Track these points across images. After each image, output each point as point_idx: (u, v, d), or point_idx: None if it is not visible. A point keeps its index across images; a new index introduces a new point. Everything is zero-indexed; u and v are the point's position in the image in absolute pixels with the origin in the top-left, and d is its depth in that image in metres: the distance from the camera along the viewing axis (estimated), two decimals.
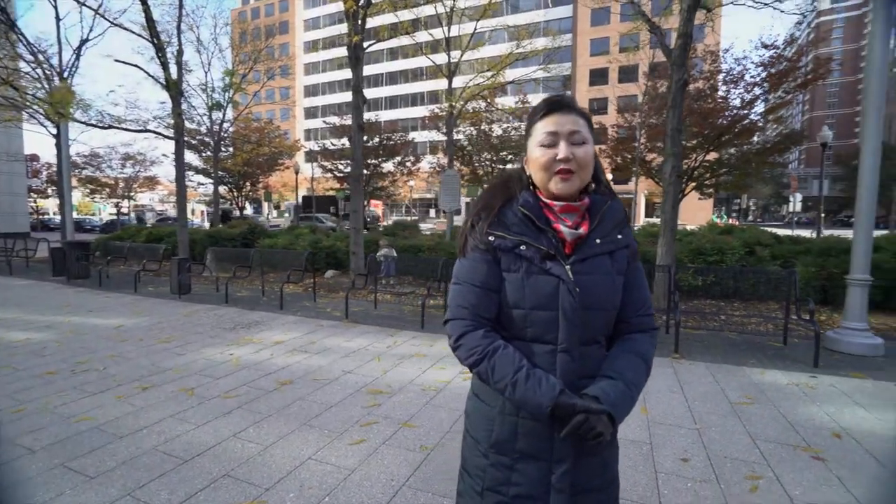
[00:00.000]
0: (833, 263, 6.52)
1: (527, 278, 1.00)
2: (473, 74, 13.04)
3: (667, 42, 6.86)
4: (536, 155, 1.03)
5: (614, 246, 1.05)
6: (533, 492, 1.01)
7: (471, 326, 1.04)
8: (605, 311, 1.03)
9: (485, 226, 1.05)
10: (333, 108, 50.34)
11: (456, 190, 10.77)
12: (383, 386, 3.67)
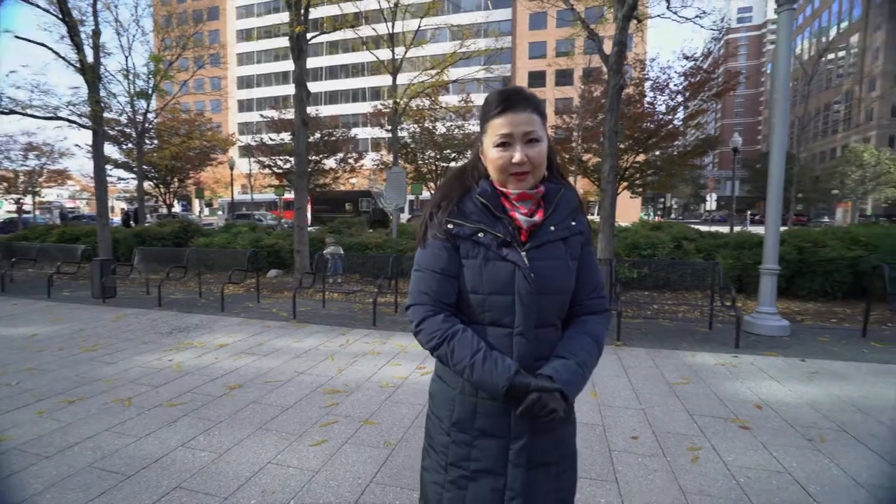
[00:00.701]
0: (747, 256, 7.26)
1: (484, 264, 1.04)
2: (418, 72, 13.02)
3: (603, 49, 7.28)
4: (493, 156, 1.04)
5: (568, 232, 1.09)
6: (492, 466, 1.06)
7: (431, 311, 1.07)
8: (559, 294, 1.07)
9: (444, 215, 1.09)
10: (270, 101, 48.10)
11: (402, 187, 10.71)
12: (340, 385, 3.60)
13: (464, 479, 1.08)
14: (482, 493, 1.06)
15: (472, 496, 1.07)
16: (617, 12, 6.64)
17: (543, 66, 41.78)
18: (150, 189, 21.32)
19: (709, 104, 17.66)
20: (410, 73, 13.88)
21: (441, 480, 1.11)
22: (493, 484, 1.05)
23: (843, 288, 6.85)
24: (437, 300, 1.07)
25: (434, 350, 1.06)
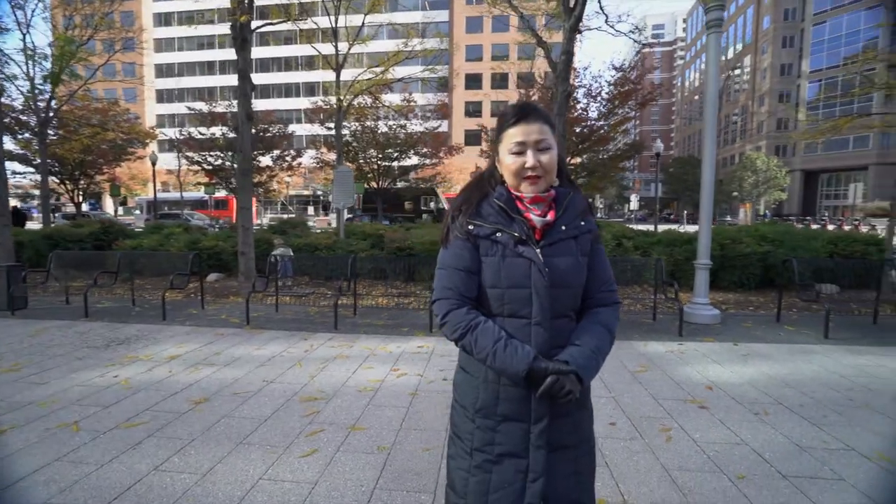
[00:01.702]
0: (678, 252, 7.96)
1: (503, 261, 1.13)
2: (362, 69, 12.78)
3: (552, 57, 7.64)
4: (508, 162, 1.15)
5: (578, 231, 1.18)
6: (515, 449, 1.13)
7: (455, 305, 1.16)
8: (572, 288, 1.16)
9: (465, 217, 1.19)
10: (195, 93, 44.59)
11: (350, 186, 10.46)
12: (315, 392, 3.47)
13: (488, 462, 1.15)
14: (506, 474, 1.13)
15: (497, 478, 1.13)
16: (564, 23, 6.99)
17: (480, 70, 42.78)
18: (55, 185, 18.90)
19: (634, 112, 19.13)
20: (353, 70, 13.60)
21: (467, 466, 1.18)
22: (517, 466, 1.13)
23: (756, 279, 7.76)
24: (460, 295, 1.16)
25: (459, 340, 1.15)
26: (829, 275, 6.67)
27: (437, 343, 4.80)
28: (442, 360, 4.25)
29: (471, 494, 1.17)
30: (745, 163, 42.90)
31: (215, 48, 51.81)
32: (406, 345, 4.75)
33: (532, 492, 1.11)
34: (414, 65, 16.74)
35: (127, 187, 28.33)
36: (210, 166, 17.91)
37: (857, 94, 28.02)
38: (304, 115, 40.75)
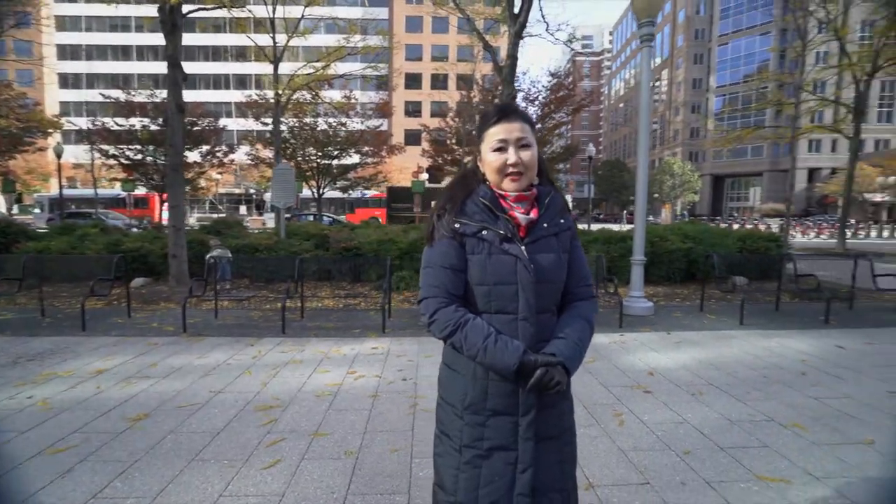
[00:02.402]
0: (613, 249, 8.50)
1: (489, 258, 1.15)
2: (302, 64, 12.30)
3: (498, 61, 7.84)
4: (490, 159, 1.19)
5: (558, 229, 1.23)
6: (504, 442, 1.16)
7: (443, 303, 1.17)
8: (555, 283, 1.20)
9: (451, 216, 1.20)
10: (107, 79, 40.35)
11: (290, 184, 10.02)
12: (270, 400, 3.30)
13: (478, 458, 1.16)
14: (496, 467, 1.15)
15: (487, 472, 1.15)
16: (510, 28, 7.21)
17: (420, 69, 42.81)
18: None
19: (569, 117, 20.12)
20: (292, 64, 13.04)
21: (456, 463, 1.19)
22: (506, 458, 1.15)
23: (681, 273, 8.49)
24: (447, 292, 1.17)
25: (448, 337, 1.15)
26: (738, 268, 7.47)
27: (392, 343, 4.76)
28: (399, 361, 4.22)
29: (461, 490, 1.17)
30: (664, 167, 46.74)
31: (131, 31, 47.23)
32: (360, 346, 4.65)
33: (522, 482, 1.13)
34: (354, 62, 16.44)
35: (24, 183, 25.01)
36: (128, 161, 16.23)
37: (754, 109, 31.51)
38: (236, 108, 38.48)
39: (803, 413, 3.12)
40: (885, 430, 2.87)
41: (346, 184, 18.88)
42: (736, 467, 2.45)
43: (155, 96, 16.38)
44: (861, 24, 19.04)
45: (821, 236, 23.64)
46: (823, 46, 17.16)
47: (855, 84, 14.67)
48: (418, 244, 8.13)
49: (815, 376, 3.84)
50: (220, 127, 17.77)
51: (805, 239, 22.30)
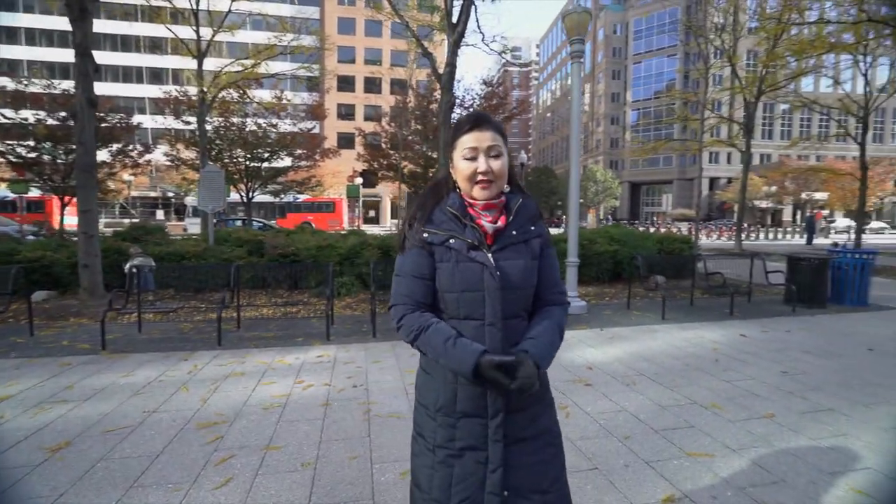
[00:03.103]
0: None
1: (456, 266, 1.18)
2: (230, 60, 11.63)
3: (437, 68, 7.98)
4: (461, 167, 1.21)
5: (528, 236, 1.24)
6: (474, 443, 1.19)
7: (409, 309, 1.22)
8: (523, 289, 1.22)
9: (420, 225, 1.24)
10: None
11: (219, 188, 9.43)
12: (213, 416, 3.11)
13: (450, 457, 1.20)
14: (468, 466, 1.18)
15: (460, 471, 1.19)
16: (449, 37, 7.39)
17: (353, 72, 42.09)
18: None
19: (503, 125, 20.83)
20: (217, 60, 12.28)
21: (430, 462, 1.23)
22: (477, 458, 1.18)
23: (608, 274, 9.14)
24: (414, 300, 1.23)
25: (413, 341, 1.20)
26: (658, 268, 8.22)
27: (338, 351, 4.67)
28: (347, 368, 4.15)
29: (435, 489, 1.21)
30: (588, 174, 49.94)
31: (19, 10, 41.61)
32: (305, 355, 4.51)
33: (492, 481, 1.16)
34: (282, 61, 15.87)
35: None
36: (20, 159, 14.15)
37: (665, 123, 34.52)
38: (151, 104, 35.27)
39: (719, 395, 3.53)
40: (782, 405, 3.33)
41: (277, 188, 18.05)
42: (669, 447, 2.72)
43: (53, 87, 14.59)
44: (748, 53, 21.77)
45: (721, 238, 26.53)
46: (720, 70, 19.39)
47: (745, 105, 16.74)
48: (358, 249, 8.03)
49: (726, 362, 4.35)
50: (133, 124, 16.20)
51: (709, 241, 24.90)
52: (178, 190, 31.55)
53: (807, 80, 18.03)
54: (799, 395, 3.53)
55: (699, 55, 17.22)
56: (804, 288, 6.86)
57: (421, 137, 18.98)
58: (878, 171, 31.41)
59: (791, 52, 13.99)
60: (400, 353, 4.62)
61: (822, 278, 6.95)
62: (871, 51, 14.12)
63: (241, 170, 16.58)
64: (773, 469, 2.47)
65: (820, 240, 23.80)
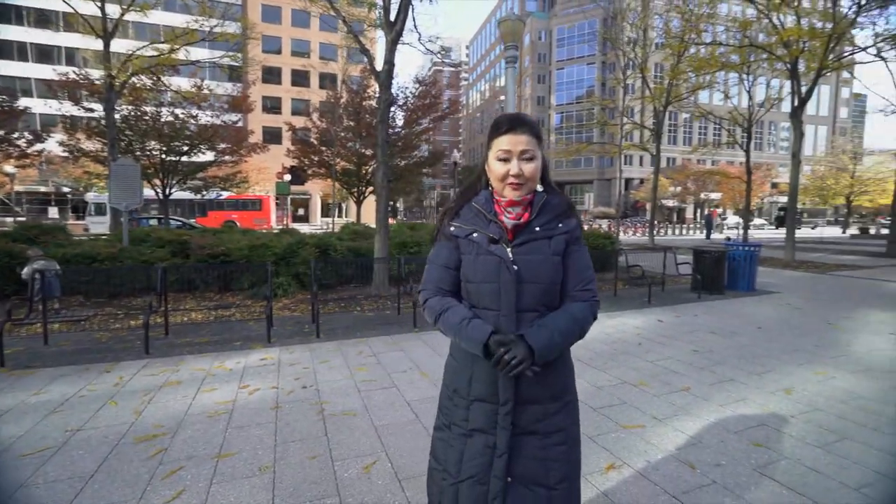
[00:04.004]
0: None
1: (476, 258, 1.27)
2: (143, 43, 10.59)
3: (374, 66, 7.91)
4: (494, 167, 1.27)
5: (553, 232, 1.27)
6: (484, 426, 1.27)
7: (433, 294, 1.34)
8: (541, 283, 1.24)
9: (448, 219, 1.36)
10: None
11: (134, 183, 8.60)
12: (151, 428, 2.91)
13: (462, 436, 1.30)
14: (477, 447, 1.27)
15: (469, 450, 1.28)
16: (387, 35, 7.37)
17: (278, 63, 40.03)
18: None
19: (434, 124, 21.05)
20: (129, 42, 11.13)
21: (446, 437, 1.35)
22: (486, 441, 1.26)
23: None
24: (439, 287, 1.34)
25: (436, 321, 1.30)
26: None
27: (281, 353, 4.54)
28: (294, 369, 4.06)
29: (448, 461, 1.32)
30: None
31: None
32: (246, 359, 4.33)
33: (498, 466, 1.23)
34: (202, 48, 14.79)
35: None
36: None
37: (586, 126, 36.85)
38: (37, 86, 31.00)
39: (644, 374, 3.95)
40: (695, 378, 3.80)
41: (197, 184, 16.72)
42: (607, 422, 3.02)
43: None
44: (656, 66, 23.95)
45: (636, 234, 28.96)
46: (634, 81, 21.14)
47: (655, 113, 18.46)
48: (295, 248, 7.77)
49: (648, 345, 4.84)
50: (17, 107, 14.10)
51: (626, 237, 27.06)
52: (76, 185, 28.07)
53: (704, 93, 20.26)
54: (708, 369, 4.06)
55: (615, 65, 18.67)
56: (707, 277, 7.79)
57: (354, 134, 18.58)
58: (759, 175, 36.14)
59: (691, 68, 15.70)
60: (347, 351, 4.60)
61: (720, 268, 7.93)
62: (753, 71, 16.23)
63: (155, 164, 15.15)
64: (691, 433, 2.85)
65: (716, 235, 26.86)
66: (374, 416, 3.13)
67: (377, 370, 4.06)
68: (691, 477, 2.38)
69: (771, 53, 13.27)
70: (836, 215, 50.60)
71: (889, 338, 5.14)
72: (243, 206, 24.80)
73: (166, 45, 10.70)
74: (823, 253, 15.82)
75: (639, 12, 19.97)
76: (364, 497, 2.21)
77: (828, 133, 58.75)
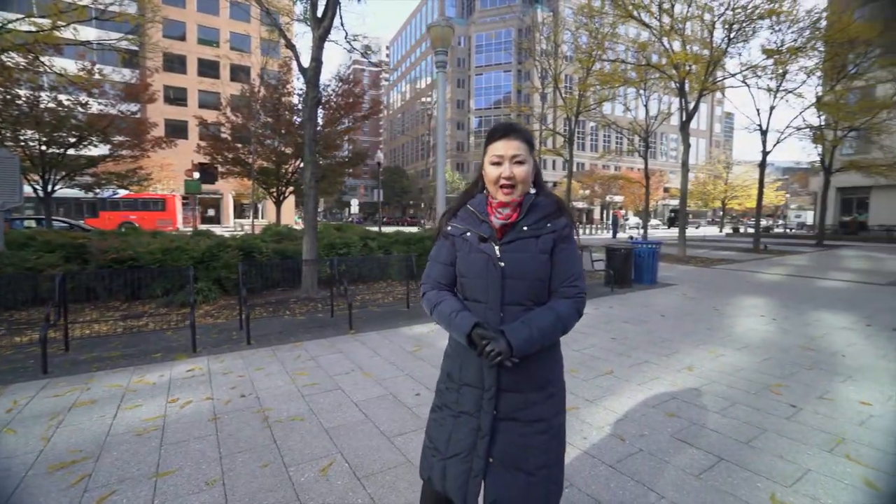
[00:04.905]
0: (413, 249, 9.37)
1: (468, 255, 1.40)
2: (19, 16, 9.11)
3: (301, 62, 7.65)
4: (489, 171, 1.41)
5: (540, 231, 1.36)
6: (470, 409, 1.39)
7: (431, 288, 1.49)
8: (527, 280, 1.34)
9: (447, 220, 1.51)
10: None
11: (12, 178, 7.39)
12: (67, 455, 2.61)
13: (451, 416, 1.44)
14: (463, 428, 1.40)
15: (457, 430, 1.41)
16: (314, 31, 7.17)
17: (183, 51, 36.54)
18: None
19: (357, 123, 20.69)
20: None
21: (438, 417, 1.49)
22: (471, 423, 1.38)
23: None
24: (436, 281, 1.49)
25: (432, 312, 1.44)
26: None
27: (211, 362, 4.26)
28: (227, 378, 3.84)
29: (439, 440, 1.46)
30: None
31: None
32: (170, 372, 4.00)
33: (480, 447, 1.35)
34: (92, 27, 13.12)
35: None
36: None
37: None
38: None
39: (573, 361, 4.31)
40: (616, 363, 4.25)
41: (88, 180, 14.70)
42: None
43: None
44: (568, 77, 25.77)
45: None
46: (548, 90, 22.57)
47: (567, 121, 19.89)
48: (215, 251, 7.27)
49: (573, 335, 5.26)
50: None
51: None
52: None
53: (609, 105, 22.26)
54: (626, 354, 4.55)
55: (531, 74, 19.81)
56: (617, 272, 8.62)
57: (273, 131, 17.62)
58: (655, 181, 40.40)
59: (598, 82, 17.18)
60: (283, 357, 4.44)
61: (628, 264, 8.82)
62: (649, 88, 18.21)
63: (33, 156, 13.09)
64: (617, 411, 3.21)
65: (621, 234, 29.58)
66: (323, 419, 3.09)
67: (318, 374, 3.98)
68: (622, 447, 2.70)
69: (664, 73, 14.99)
70: (714, 216, 58.30)
71: (760, 319, 6.12)
72: (144, 205, 22.21)
73: (47, 20, 9.34)
74: (707, 249, 18.18)
75: (551, 27, 21.41)
76: (325, 498, 2.21)
77: (706, 145, 67.39)
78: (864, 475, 2.42)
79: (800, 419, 3.09)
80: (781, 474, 2.43)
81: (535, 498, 1.33)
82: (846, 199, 29.82)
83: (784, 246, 20.80)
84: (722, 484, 2.34)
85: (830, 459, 2.58)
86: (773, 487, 2.31)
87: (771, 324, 5.87)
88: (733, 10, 13.34)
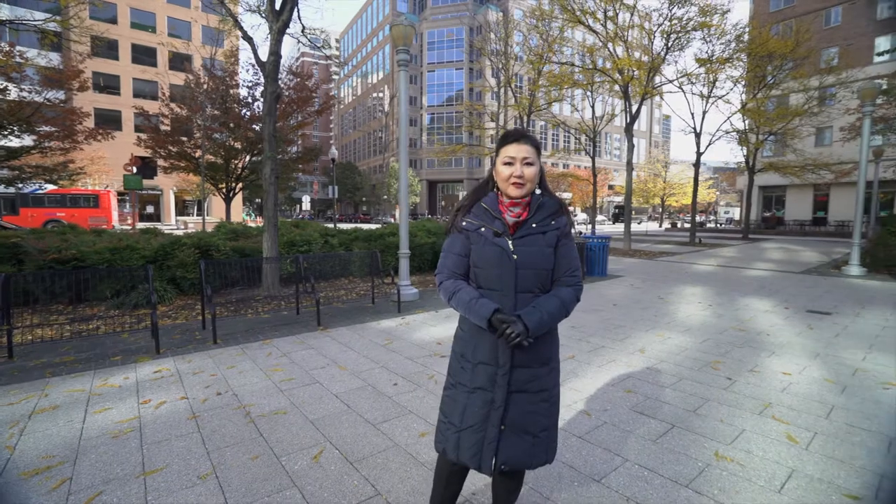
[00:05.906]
0: (374, 245, 9.43)
1: (483, 248, 1.56)
2: None
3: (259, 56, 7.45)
4: (501, 170, 1.58)
5: (546, 228, 1.57)
6: (485, 385, 1.57)
7: (447, 277, 1.64)
8: (535, 269, 1.54)
9: (462, 215, 1.66)
10: None
11: None
12: (39, 461, 2.52)
13: (466, 392, 1.61)
14: (478, 401, 1.58)
15: (472, 404, 1.59)
16: (272, 24, 7.02)
17: (115, 34, 33.75)
18: None
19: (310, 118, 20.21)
20: None
21: (453, 394, 1.66)
22: (485, 397, 1.57)
23: (429, 264, 10.16)
24: (452, 271, 1.64)
25: (450, 300, 1.60)
26: None
27: (178, 363, 4.16)
28: (199, 378, 3.78)
29: (453, 414, 1.63)
30: (391, 172, 52.39)
31: None
32: (135, 374, 3.87)
33: (495, 416, 1.55)
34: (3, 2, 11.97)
35: None
36: None
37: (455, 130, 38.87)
38: None
39: None
40: (577, 348, 4.59)
41: (6, 175, 13.34)
42: None
43: None
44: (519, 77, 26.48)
45: None
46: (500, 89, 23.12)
47: (520, 119, 20.51)
48: (170, 250, 6.98)
49: None
50: None
51: None
52: None
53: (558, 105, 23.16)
54: (584, 340, 4.91)
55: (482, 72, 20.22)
56: None
57: (221, 125, 16.84)
58: (601, 178, 42.43)
59: (549, 82, 17.86)
60: (254, 354, 4.41)
61: (581, 257, 9.35)
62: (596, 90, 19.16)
63: None
64: (582, 390, 3.51)
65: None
66: (306, 411, 3.16)
67: (294, 369, 4.01)
68: (589, 422, 2.99)
69: (609, 77, 15.86)
70: (654, 212, 62.06)
71: (698, 305, 6.76)
72: (73, 202, 20.40)
73: None
74: (649, 243, 19.46)
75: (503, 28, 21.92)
76: (322, 482, 2.31)
77: (646, 145, 71.43)
78: (786, 431, 2.85)
79: (735, 389, 3.54)
80: (722, 435, 2.81)
81: (537, 455, 1.60)
82: (767, 197, 32.90)
83: (716, 239, 22.69)
84: (675, 446, 2.68)
85: (760, 420, 3.00)
86: (716, 446, 2.68)
87: (708, 309, 6.51)
88: (670, 21, 14.37)
